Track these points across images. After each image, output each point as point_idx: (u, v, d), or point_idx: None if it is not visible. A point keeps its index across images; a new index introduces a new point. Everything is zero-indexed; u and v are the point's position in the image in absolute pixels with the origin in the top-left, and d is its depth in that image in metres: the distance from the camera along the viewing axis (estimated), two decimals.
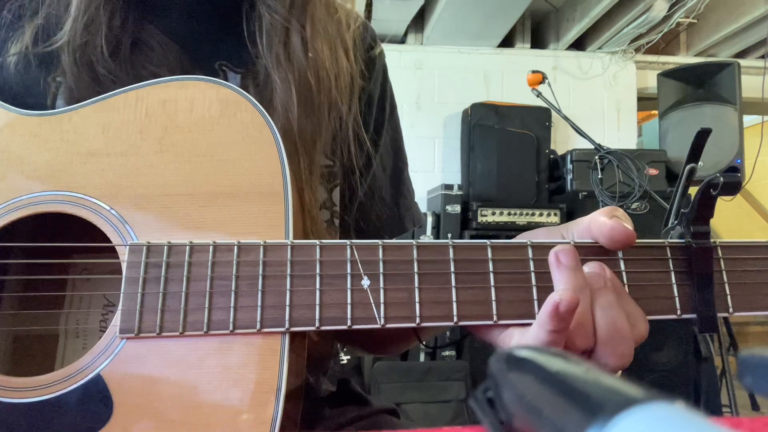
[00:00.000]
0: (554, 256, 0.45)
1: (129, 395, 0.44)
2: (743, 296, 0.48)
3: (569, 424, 0.18)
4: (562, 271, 0.44)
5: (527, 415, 0.22)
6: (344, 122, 0.69)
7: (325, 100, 0.64)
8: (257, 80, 0.63)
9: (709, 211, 0.47)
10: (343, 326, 0.45)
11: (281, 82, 0.61)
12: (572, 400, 0.19)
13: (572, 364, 0.22)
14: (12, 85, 0.58)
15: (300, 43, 0.62)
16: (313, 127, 0.62)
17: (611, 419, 0.17)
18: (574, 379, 0.20)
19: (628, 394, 0.17)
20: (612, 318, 0.43)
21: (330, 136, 0.67)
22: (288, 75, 0.61)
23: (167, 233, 0.48)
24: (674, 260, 0.48)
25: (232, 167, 0.49)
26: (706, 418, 0.17)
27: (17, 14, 0.60)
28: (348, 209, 0.73)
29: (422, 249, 0.47)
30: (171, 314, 0.45)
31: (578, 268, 0.44)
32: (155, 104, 0.51)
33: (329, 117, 0.66)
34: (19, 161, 0.50)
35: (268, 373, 0.44)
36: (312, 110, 0.63)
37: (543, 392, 0.21)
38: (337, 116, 0.68)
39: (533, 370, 0.23)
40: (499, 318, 0.46)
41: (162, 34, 0.62)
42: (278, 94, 0.60)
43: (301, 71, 0.62)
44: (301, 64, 0.62)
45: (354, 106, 0.70)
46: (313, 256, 0.46)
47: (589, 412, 0.17)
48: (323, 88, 0.64)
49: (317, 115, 0.63)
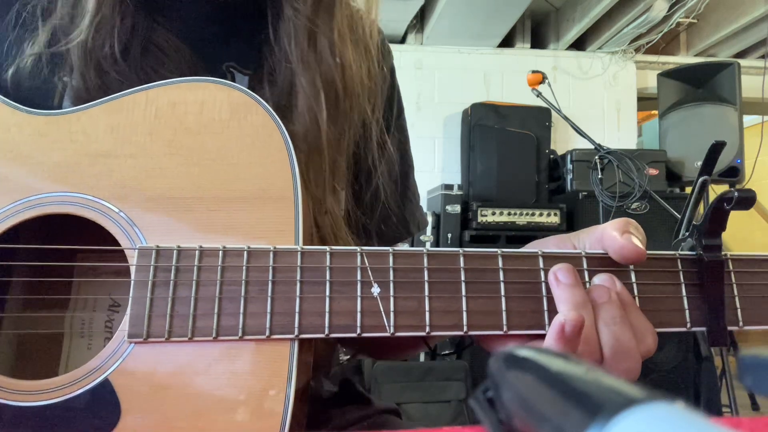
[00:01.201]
0: (553, 275, 0.45)
1: (136, 400, 0.44)
2: (753, 310, 0.48)
3: (569, 424, 0.18)
4: (562, 289, 0.44)
5: (527, 415, 0.22)
6: (368, 128, 0.69)
7: (351, 105, 0.65)
8: (274, 82, 0.62)
9: (722, 225, 0.46)
10: (352, 334, 0.45)
11: (308, 85, 0.60)
12: (572, 400, 0.19)
13: (572, 364, 0.22)
14: (25, 86, 0.58)
15: (328, 47, 0.63)
16: (338, 132, 0.63)
17: (611, 419, 0.17)
18: (574, 379, 0.20)
19: (628, 394, 0.18)
20: (616, 333, 0.43)
21: (353, 140, 0.68)
22: (316, 78, 0.61)
23: (176, 237, 0.47)
24: (685, 273, 0.48)
25: (242, 171, 0.49)
26: (706, 418, 0.17)
27: (33, 13, 0.60)
28: (368, 213, 0.74)
29: (433, 257, 0.47)
30: (180, 319, 0.45)
31: (577, 284, 0.44)
32: (165, 106, 0.51)
33: (354, 122, 0.66)
34: (28, 161, 0.50)
35: (276, 380, 0.44)
36: (338, 114, 0.63)
37: (543, 392, 0.21)
38: (361, 121, 0.68)
39: (533, 369, 0.23)
40: (509, 328, 0.46)
41: (172, 36, 0.62)
42: (303, 97, 0.60)
43: (328, 75, 0.62)
44: (329, 67, 0.62)
45: (377, 112, 0.71)
46: (323, 262, 0.46)
47: (589, 412, 0.17)
48: (349, 93, 0.64)
49: (342, 119, 0.64)
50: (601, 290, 0.45)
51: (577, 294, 0.44)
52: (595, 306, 0.44)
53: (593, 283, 0.46)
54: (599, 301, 0.44)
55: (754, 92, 3.46)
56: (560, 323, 0.41)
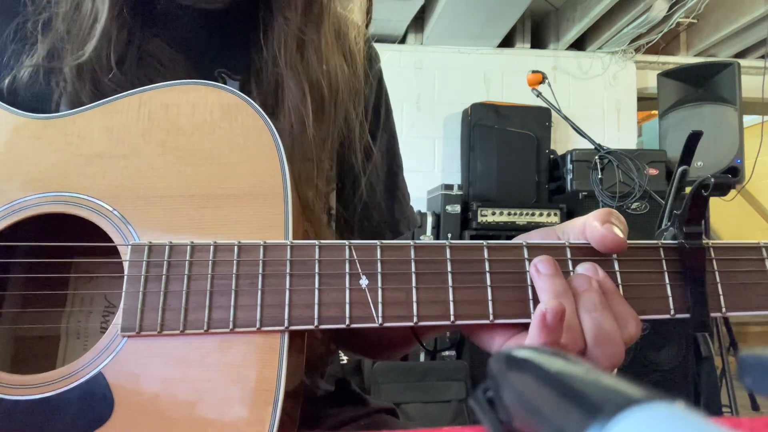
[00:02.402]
0: (534, 267, 0.46)
1: (129, 393, 0.45)
2: (736, 296, 0.49)
3: (569, 424, 0.18)
4: (543, 280, 0.46)
5: (527, 415, 0.22)
6: (352, 130, 0.71)
7: (336, 108, 0.67)
8: (261, 85, 0.65)
9: (701, 212, 0.47)
10: (341, 325, 0.46)
11: (295, 88, 0.63)
12: (572, 400, 0.19)
13: (572, 364, 0.22)
14: (22, 94, 0.59)
15: (315, 54, 0.65)
16: (323, 133, 0.65)
17: (611, 419, 0.17)
18: (573, 379, 0.20)
19: (627, 394, 0.18)
20: (597, 320, 0.44)
21: (338, 142, 0.70)
22: (303, 83, 0.63)
23: (169, 234, 0.48)
24: (667, 261, 0.49)
25: (233, 170, 0.50)
26: (706, 418, 0.17)
27: (34, 28, 0.62)
28: (355, 213, 0.75)
29: (420, 249, 0.48)
30: (172, 313, 0.46)
31: (557, 274, 0.46)
32: (158, 108, 0.52)
33: (338, 124, 0.68)
34: (24, 163, 0.51)
35: (267, 371, 0.45)
36: (323, 117, 0.65)
37: (543, 392, 0.21)
38: (346, 124, 0.70)
39: (533, 370, 0.23)
40: (495, 317, 0.47)
41: (166, 45, 0.64)
42: (289, 97, 0.62)
43: (315, 80, 0.64)
44: (315, 73, 0.65)
45: (360, 116, 0.73)
46: (312, 255, 0.47)
47: (588, 412, 0.18)
48: (334, 98, 0.67)
49: (327, 121, 0.66)
50: (582, 279, 0.46)
51: (557, 283, 0.45)
52: (576, 294, 0.45)
53: (575, 272, 0.47)
54: (580, 290, 0.45)
55: (754, 92, 3.45)
56: (542, 312, 0.42)
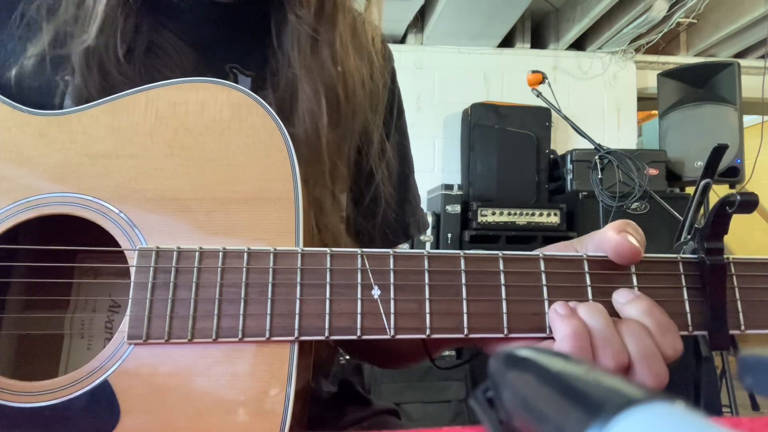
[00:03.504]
0: (554, 312, 0.45)
1: (136, 401, 0.44)
2: (756, 313, 0.48)
3: (569, 424, 0.18)
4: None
5: (527, 415, 0.22)
6: (369, 134, 0.70)
7: (353, 111, 0.65)
8: (277, 85, 0.63)
9: (724, 228, 0.46)
10: (352, 336, 0.45)
11: (310, 90, 0.61)
12: (572, 400, 0.19)
13: (572, 363, 0.22)
14: (27, 85, 0.58)
15: (329, 55, 0.63)
16: (339, 137, 0.63)
17: (611, 419, 0.17)
18: (574, 379, 0.20)
19: (628, 394, 0.17)
20: (640, 336, 0.42)
21: (355, 145, 0.68)
22: (317, 84, 0.62)
23: (176, 238, 0.47)
24: (687, 276, 0.47)
25: (243, 172, 0.49)
26: (706, 418, 0.17)
27: (37, 13, 0.60)
28: (367, 217, 0.74)
29: (433, 259, 0.46)
30: (180, 321, 0.45)
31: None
32: (165, 106, 0.50)
33: (355, 129, 0.67)
34: (28, 161, 0.50)
35: (276, 382, 0.44)
36: (339, 120, 0.63)
37: (543, 392, 0.21)
38: (363, 127, 0.69)
39: (533, 369, 0.23)
40: (510, 331, 0.45)
41: (175, 37, 0.62)
42: (305, 101, 0.61)
43: (330, 82, 0.63)
44: (330, 75, 0.63)
45: (378, 118, 0.71)
46: (323, 264, 0.46)
47: (589, 412, 0.17)
48: (350, 100, 0.65)
49: (343, 125, 0.64)
50: (624, 293, 0.45)
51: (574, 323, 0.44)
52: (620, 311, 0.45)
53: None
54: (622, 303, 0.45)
55: (754, 92, 3.46)
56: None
